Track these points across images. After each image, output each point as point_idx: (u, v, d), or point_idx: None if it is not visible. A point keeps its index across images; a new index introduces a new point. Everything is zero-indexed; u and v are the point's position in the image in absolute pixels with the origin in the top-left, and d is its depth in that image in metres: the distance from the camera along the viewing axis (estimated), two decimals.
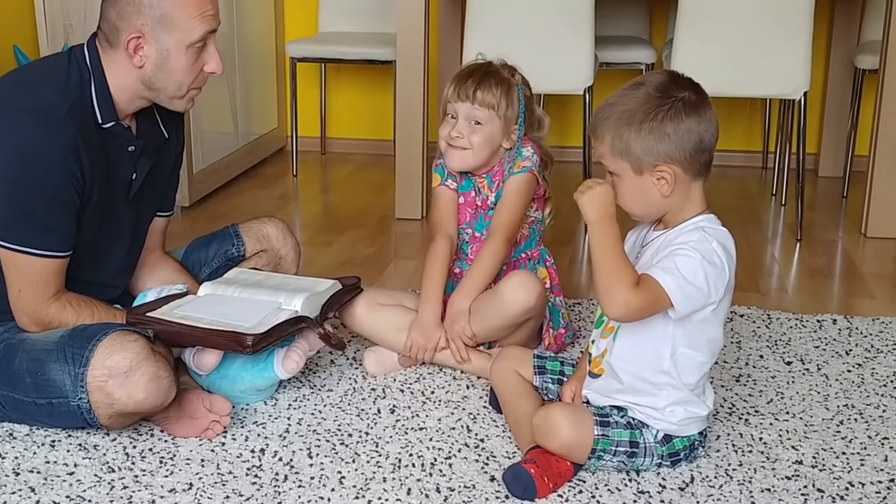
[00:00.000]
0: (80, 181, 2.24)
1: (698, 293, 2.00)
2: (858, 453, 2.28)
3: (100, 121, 2.29)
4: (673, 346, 2.08)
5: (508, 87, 2.63)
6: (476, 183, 2.75)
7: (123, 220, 2.44)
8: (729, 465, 2.21)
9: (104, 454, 2.22)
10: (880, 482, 2.16)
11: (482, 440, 2.31)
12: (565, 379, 2.32)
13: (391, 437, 2.32)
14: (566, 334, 2.78)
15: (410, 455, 2.24)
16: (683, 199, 2.06)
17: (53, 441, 2.26)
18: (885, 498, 2.11)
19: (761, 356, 2.77)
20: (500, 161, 2.71)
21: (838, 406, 2.49)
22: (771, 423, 2.40)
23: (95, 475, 2.14)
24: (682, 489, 2.11)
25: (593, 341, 2.21)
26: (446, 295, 2.66)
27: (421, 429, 2.36)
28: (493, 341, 2.66)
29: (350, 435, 2.32)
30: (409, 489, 2.10)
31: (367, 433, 2.33)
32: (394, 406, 2.47)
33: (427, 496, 2.08)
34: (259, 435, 2.32)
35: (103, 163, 2.30)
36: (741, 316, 3.04)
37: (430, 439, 2.31)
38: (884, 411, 2.47)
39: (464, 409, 2.46)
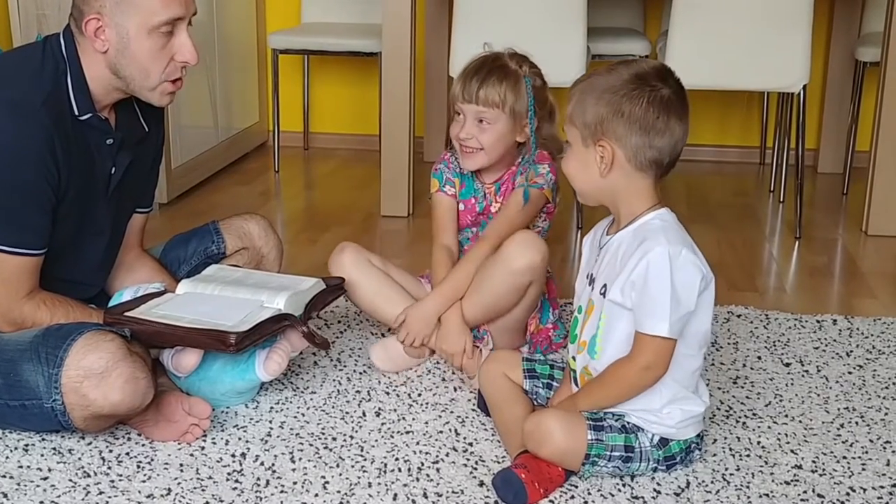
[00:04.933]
0: (56, 177, 2.21)
1: (687, 312, 2.02)
2: (860, 457, 2.25)
3: (76, 113, 2.26)
4: None
5: (515, 80, 2.58)
6: (483, 189, 2.71)
7: (103, 215, 2.40)
8: (726, 469, 2.19)
9: (79, 458, 2.19)
10: (882, 487, 2.14)
11: (470, 444, 2.28)
12: (555, 383, 2.30)
13: (377, 440, 2.29)
14: (553, 330, 2.73)
15: (396, 459, 2.21)
16: (626, 187, 2.05)
17: (27, 445, 2.23)
18: (887, 503, 2.08)
19: (759, 357, 2.75)
20: (512, 168, 2.67)
21: (839, 409, 2.47)
22: (769, 427, 2.38)
23: (70, 480, 2.11)
24: (677, 494, 2.09)
25: (574, 357, 2.18)
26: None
27: (407, 432, 2.33)
28: (483, 325, 2.63)
29: (334, 439, 2.30)
30: (396, 494, 2.08)
31: (351, 437, 2.31)
32: (379, 409, 2.43)
33: (414, 502, 2.05)
34: (240, 439, 2.29)
35: (81, 157, 2.27)
36: (738, 316, 3.02)
37: (417, 443, 2.28)
38: (885, 414, 2.45)
39: (451, 412, 2.43)
